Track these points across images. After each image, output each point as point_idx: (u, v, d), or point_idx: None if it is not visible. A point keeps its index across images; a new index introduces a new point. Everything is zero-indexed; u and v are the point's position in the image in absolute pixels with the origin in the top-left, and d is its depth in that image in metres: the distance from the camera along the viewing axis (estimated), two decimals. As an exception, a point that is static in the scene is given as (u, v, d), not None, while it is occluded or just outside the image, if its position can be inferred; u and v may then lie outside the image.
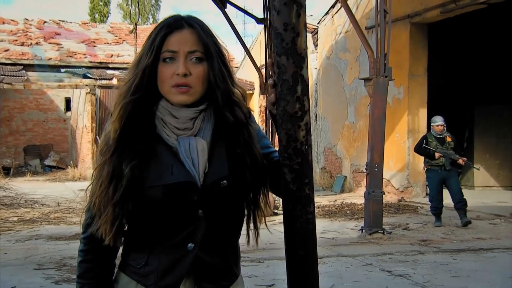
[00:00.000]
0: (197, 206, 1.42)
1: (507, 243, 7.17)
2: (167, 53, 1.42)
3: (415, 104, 11.62)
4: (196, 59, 1.43)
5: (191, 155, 1.43)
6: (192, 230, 1.43)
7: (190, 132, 1.45)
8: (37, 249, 6.83)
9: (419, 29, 11.50)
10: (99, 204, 1.43)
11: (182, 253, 1.43)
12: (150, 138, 1.44)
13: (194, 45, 1.43)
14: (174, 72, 1.41)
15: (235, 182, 1.44)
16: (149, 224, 1.43)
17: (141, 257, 1.46)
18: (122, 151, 1.42)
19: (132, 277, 1.48)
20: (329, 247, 6.80)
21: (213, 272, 1.46)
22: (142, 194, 1.41)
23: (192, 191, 1.41)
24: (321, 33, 14.78)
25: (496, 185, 13.76)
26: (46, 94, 22.64)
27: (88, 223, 1.49)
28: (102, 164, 1.44)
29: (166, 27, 1.43)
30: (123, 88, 1.46)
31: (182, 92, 1.42)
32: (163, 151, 1.44)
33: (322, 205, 10.72)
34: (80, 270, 1.51)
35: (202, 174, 1.43)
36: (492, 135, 13.59)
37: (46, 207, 10.62)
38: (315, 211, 7.74)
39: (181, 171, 1.41)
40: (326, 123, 14.55)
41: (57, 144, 22.75)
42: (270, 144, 1.59)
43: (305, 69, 1.36)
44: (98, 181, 1.44)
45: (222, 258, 1.48)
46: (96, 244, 1.47)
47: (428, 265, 5.91)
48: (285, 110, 1.37)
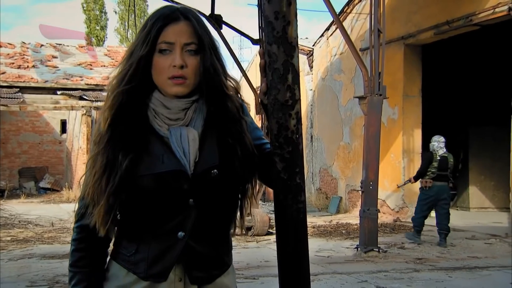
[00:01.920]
0: (188, 195, 1.43)
1: (502, 262, 7.15)
2: (164, 45, 1.43)
3: (409, 124, 11.67)
4: (192, 51, 1.44)
5: (182, 145, 1.44)
6: (182, 218, 1.43)
7: (182, 122, 1.47)
8: (29, 267, 6.76)
9: (413, 50, 11.62)
10: (92, 194, 1.43)
11: (173, 242, 1.43)
12: (143, 129, 1.45)
13: (190, 37, 1.44)
14: (171, 63, 1.43)
15: (225, 172, 1.45)
16: (140, 213, 1.44)
17: (131, 245, 1.47)
18: (115, 142, 1.43)
19: (123, 265, 1.48)
20: (324, 265, 6.76)
21: (203, 261, 1.46)
22: (133, 183, 1.41)
23: (183, 180, 1.42)
24: (316, 55, 14.91)
25: (491, 206, 13.76)
26: (42, 116, 22.64)
27: (81, 212, 1.50)
28: (96, 154, 1.44)
29: (163, 19, 1.45)
30: (116, 78, 1.48)
31: (178, 83, 1.43)
32: (155, 141, 1.45)
33: (317, 225, 10.68)
34: (73, 258, 1.51)
35: (193, 163, 1.44)
36: (487, 157, 13.63)
37: (40, 227, 10.53)
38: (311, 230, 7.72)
39: (172, 160, 1.42)
40: (322, 144, 14.59)
41: (52, 166, 22.67)
42: (262, 135, 1.60)
43: (296, 58, 1.37)
44: (92, 171, 1.44)
45: (212, 247, 1.48)
46: (89, 233, 1.48)
47: (423, 282, 5.88)
48: (276, 99, 1.38)
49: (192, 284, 1.46)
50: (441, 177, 8.55)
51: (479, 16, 9.66)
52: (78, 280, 1.50)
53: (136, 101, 1.46)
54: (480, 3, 9.63)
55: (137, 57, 1.44)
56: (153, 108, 1.47)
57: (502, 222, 10.73)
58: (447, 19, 10.26)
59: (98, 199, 1.42)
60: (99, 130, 1.46)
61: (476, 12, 9.68)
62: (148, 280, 1.44)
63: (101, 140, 1.44)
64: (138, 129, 1.44)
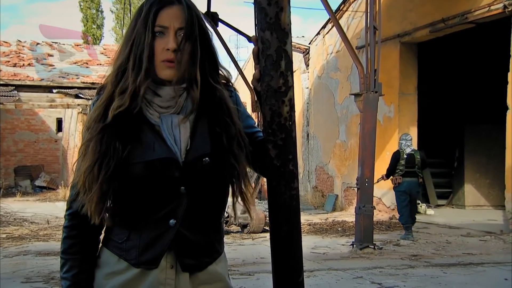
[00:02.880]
0: (179, 183, 1.43)
1: (497, 258, 7.18)
2: (158, 28, 1.43)
3: (405, 122, 11.69)
4: (185, 35, 1.44)
5: (173, 132, 1.44)
6: (174, 206, 1.43)
7: (173, 110, 1.47)
8: (25, 264, 6.74)
9: (409, 48, 11.65)
10: (84, 181, 1.42)
11: (164, 229, 1.43)
12: (135, 117, 1.45)
13: (184, 22, 1.44)
14: (164, 47, 1.42)
15: (217, 160, 1.45)
16: (132, 200, 1.44)
17: (123, 232, 1.46)
18: (109, 129, 1.42)
19: (114, 251, 1.48)
20: (320, 261, 6.77)
21: (195, 249, 1.46)
22: (125, 170, 1.41)
23: (174, 167, 1.42)
24: (313, 53, 14.92)
25: (487, 204, 13.80)
26: (38, 115, 22.58)
27: (73, 199, 1.49)
28: (89, 141, 1.44)
29: (158, 3, 1.45)
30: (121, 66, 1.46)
31: (170, 66, 1.43)
32: (146, 129, 1.45)
33: (313, 222, 10.69)
34: (64, 245, 1.51)
35: (184, 151, 1.44)
36: (483, 155, 13.66)
37: (35, 225, 10.53)
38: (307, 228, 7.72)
39: (162, 147, 1.42)
40: (318, 142, 14.60)
41: (48, 165, 22.62)
42: (254, 124, 1.60)
43: (289, 44, 1.38)
44: (84, 158, 1.44)
45: (204, 235, 1.48)
46: (81, 220, 1.47)
47: (418, 278, 5.90)
48: (269, 85, 1.38)
49: (184, 272, 1.45)
50: (410, 173, 9.01)
51: (475, 14, 9.68)
52: (70, 267, 1.50)
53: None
54: (476, 1, 9.66)
55: (146, 46, 1.42)
56: (145, 96, 1.46)
57: (497, 220, 10.78)
58: (442, 17, 10.28)
59: (91, 186, 1.41)
60: (94, 117, 1.45)
61: (471, 10, 9.71)
62: (140, 267, 1.44)
63: (95, 126, 1.43)
64: (131, 117, 1.44)
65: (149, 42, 1.42)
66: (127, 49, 1.46)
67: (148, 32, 1.43)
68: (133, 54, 1.44)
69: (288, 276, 1.49)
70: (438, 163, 14.48)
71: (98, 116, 1.44)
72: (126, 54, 1.46)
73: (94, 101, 1.50)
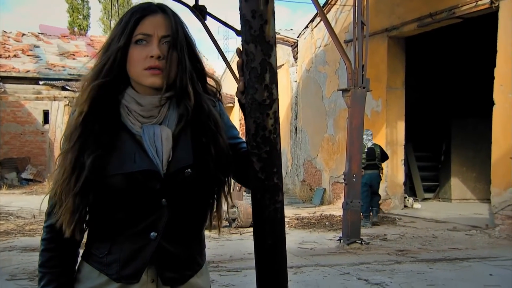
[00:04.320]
0: (160, 195, 1.41)
1: (482, 253, 7.25)
2: (140, 36, 1.42)
3: (393, 116, 11.74)
4: (169, 43, 1.42)
5: (155, 144, 1.42)
6: (155, 219, 1.41)
7: (155, 120, 1.45)
8: (10, 260, 6.69)
9: (397, 42, 11.66)
10: (60, 193, 1.40)
11: (145, 242, 1.41)
12: (114, 127, 1.42)
13: (168, 30, 1.43)
14: (147, 54, 1.40)
15: (199, 171, 1.43)
16: (112, 213, 1.41)
17: (104, 246, 1.44)
18: (85, 140, 1.40)
19: (95, 266, 1.46)
20: (307, 257, 6.79)
21: (176, 262, 1.45)
22: (103, 182, 1.38)
23: (155, 179, 1.40)
24: (301, 46, 14.90)
25: (473, 197, 13.91)
26: (24, 107, 22.37)
27: (50, 211, 1.47)
28: (66, 151, 1.41)
29: (140, 11, 1.43)
30: (92, 70, 1.45)
31: (155, 74, 1.41)
32: (127, 139, 1.42)
33: (301, 216, 10.72)
34: (42, 259, 1.49)
35: (166, 162, 1.42)
36: (469, 149, 13.76)
37: (21, 219, 10.44)
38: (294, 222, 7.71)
39: (143, 159, 1.40)
40: (306, 136, 14.62)
41: (34, 157, 22.43)
42: (238, 134, 1.59)
43: (274, 57, 1.36)
44: (61, 169, 1.41)
45: (185, 248, 1.46)
46: (59, 233, 1.44)
47: (405, 274, 5.93)
48: (253, 98, 1.37)
49: (165, 285, 1.44)
50: (371, 166, 9.77)
51: (462, 9, 9.71)
52: (48, 281, 1.47)
53: (110, 96, 1.44)
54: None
55: (114, 49, 1.42)
56: (125, 104, 1.44)
57: (483, 214, 10.88)
58: (430, 11, 10.30)
59: (65, 198, 1.39)
60: (71, 126, 1.43)
61: (459, 5, 9.74)
62: (120, 281, 1.42)
63: (72, 136, 1.41)
64: (110, 126, 1.41)
65: (121, 46, 1.41)
66: (103, 57, 1.44)
67: (123, 38, 1.41)
68: (108, 62, 1.43)
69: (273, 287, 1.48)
70: (425, 157, 14.58)
71: (74, 125, 1.42)
72: (102, 63, 1.44)
73: (72, 111, 1.48)
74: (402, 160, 11.97)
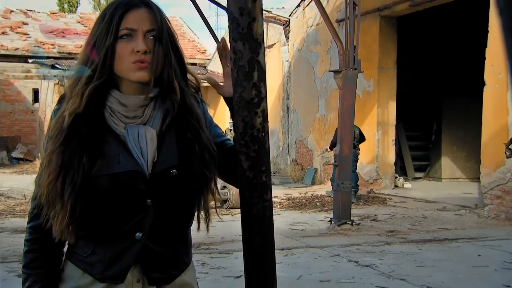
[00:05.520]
0: (145, 195, 1.40)
1: (471, 233, 7.33)
2: (125, 31, 1.39)
3: (384, 96, 11.74)
4: (154, 37, 1.40)
5: (139, 144, 1.41)
6: (140, 219, 1.40)
7: (140, 121, 1.43)
8: (0, 242, 6.69)
9: (389, 22, 11.60)
10: (47, 196, 1.38)
11: (130, 243, 1.40)
12: (100, 129, 1.40)
13: (152, 24, 1.40)
14: (133, 49, 1.38)
15: (185, 171, 1.42)
16: (96, 213, 1.40)
17: (88, 246, 1.43)
18: (71, 141, 1.37)
19: (79, 265, 1.45)
20: (298, 239, 6.84)
21: (162, 261, 1.44)
22: (90, 184, 1.37)
23: (139, 180, 1.39)
24: (293, 25, 14.79)
25: (463, 176, 14.01)
26: (13, 85, 22.16)
27: (34, 212, 1.46)
28: (51, 153, 1.39)
29: (123, 5, 1.40)
30: (82, 70, 1.42)
31: (142, 67, 1.38)
32: (111, 140, 1.40)
33: (292, 197, 10.77)
34: (26, 260, 1.48)
35: (151, 163, 1.41)
36: (460, 128, 13.81)
37: (11, 200, 10.41)
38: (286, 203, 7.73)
39: (128, 160, 1.39)
40: (298, 116, 14.60)
41: (24, 136, 22.31)
42: (222, 133, 1.59)
43: (262, 55, 1.34)
44: (47, 170, 1.39)
45: (171, 247, 1.46)
46: (43, 234, 1.44)
47: (395, 255, 5.99)
48: (241, 96, 1.35)
49: (151, 285, 1.44)
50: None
51: (455, -11, 9.66)
52: (32, 282, 1.46)
53: (97, 98, 1.41)
54: (456, -24, 9.62)
55: (104, 47, 1.38)
56: (108, 105, 1.42)
57: (472, 193, 10.98)
58: (422, -9, 10.24)
59: (54, 201, 1.37)
60: (57, 126, 1.40)
61: (451, -16, 9.68)
62: (105, 281, 1.42)
63: (58, 137, 1.39)
64: (96, 128, 1.39)
65: (110, 43, 1.38)
66: (87, 53, 1.41)
67: (110, 35, 1.38)
68: (100, 62, 1.39)
69: (261, 285, 1.48)
70: (416, 136, 14.63)
71: (60, 125, 1.39)
72: (85, 59, 1.41)
73: (55, 109, 1.46)
74: (393, 140, 12.00)
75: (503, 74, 8.72)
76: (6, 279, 5.00)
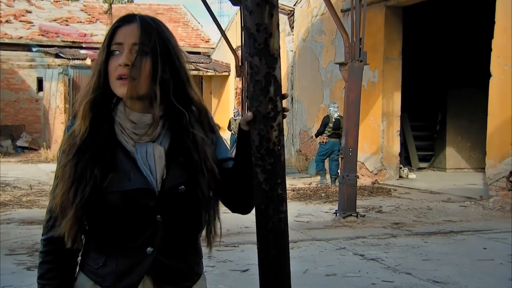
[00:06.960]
0: (155, 212, 1.42)
1: (476, 225, 7.34)
2: (114, 46, 1.41)
3: (389, 87, 11.71)
4: (142, 51, 1.39)
5: (148, 162, 1.43)
6: (150, 234, 1.43)
7: (149, 138, 1.45)
8: (8, 233, 6.73)
9: (394, 12, 11.54)
10: (60, 207, 1.41)
11: (141, 257, 1.43)
12: (111, 143, 1.43)
13: (140, 38, 1.40)
14: (118, 63, 1.39)
15: (192, 188, 1.44)
16: (108, 227, 1.43)
17: (99, 257, 1.46)
18: (84, 154, 1.41)
19: (90, 276, 1.48)
20: (303, 231, 6.87)
21: (174, 275, 1.47)
22: (101, 198, 1.40)
23: (149, 197, 1.42)
24: (297, 15, 14.73)
25: (467, 167, 14.00)
26: (18, 74, 22.17)
27: (49, 224, 1.48)
28: (65, 165, 1.42)
29: (118, 21, 1.43)
30: (85, 87, 1.45)
31: (123, 84, 1.39)
32: (122, 157, 1.43)
33: (297, 188, 10.80)
34: (41, 271, 1.51)
35: (160, 180, 1.43)
36: (464, 118, 13.78)
37: (18, 190, 10.47)
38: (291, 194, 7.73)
39: (138, 177, 1.42)
40: (302, 106, 14.59)
41: (29, 125, 22.37)
42: (228, 152, 1.59)
43: (278, 69, 1.35)
44: (60, 182, 1.43)
45: (182, 260, 1.49)
46: (57, 246, 1.47)
47: (400, 248, 6.02)
48: (257, 110, 1.36)
49: None
50: (335, 135, 11.19)
51: (461, -21, 9.59)
52: None
53: (105, 113, 1.44)
54: (463, -34, 9.55)
55: (98, 63, 1.42)
56: (119, 122, 1.44)
57: (477, 184, 10.95)
58: (429, -19, 10.17)
59: (66, 211, 1.40)
60: (70, 140, 1.44)
61: (458, -26, 9.60)
62: None
63: (70, 150, 1.42)
64: (106, 143, 1.42)
65: (102, 60, 1.41)
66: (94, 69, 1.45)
67: (103, 51, 1.41)
68: (95, 78, 1.43)
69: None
70: (421, 126, 14.61)
71: (73, 140, 1.43)
72: (93, 79, 1.44)
73: (69, 125, 1.49)
74: (398, 131, 11.98)
75: (509, 66, 8.69)
76: (16, 272, 5.04)
